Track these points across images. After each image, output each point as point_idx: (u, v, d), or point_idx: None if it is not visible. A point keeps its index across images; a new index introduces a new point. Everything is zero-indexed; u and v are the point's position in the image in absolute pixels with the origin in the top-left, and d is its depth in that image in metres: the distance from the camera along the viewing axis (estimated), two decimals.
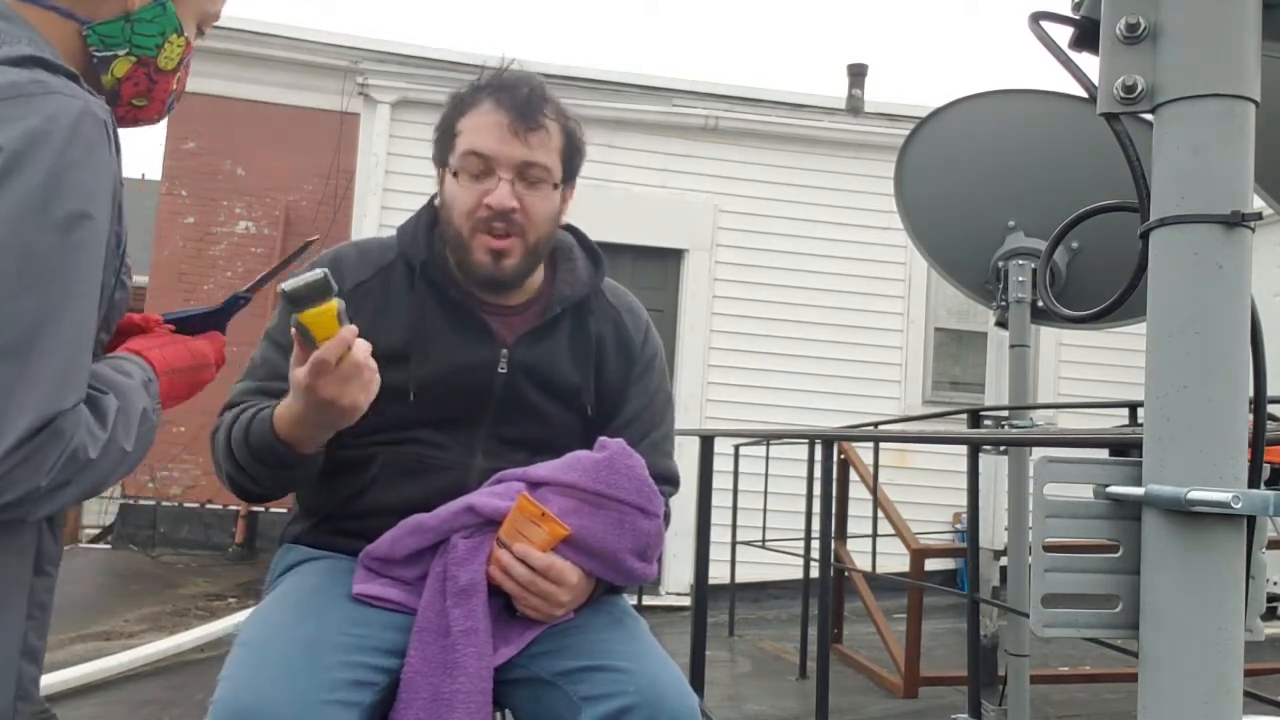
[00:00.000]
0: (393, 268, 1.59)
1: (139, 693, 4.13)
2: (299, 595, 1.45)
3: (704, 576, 3.61)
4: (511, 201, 1.49)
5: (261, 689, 1.25)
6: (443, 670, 1.35)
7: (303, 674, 1.27)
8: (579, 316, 1.62)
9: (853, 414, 6.48)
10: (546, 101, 1.53)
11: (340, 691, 1.29)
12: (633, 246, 6.86)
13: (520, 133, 1.50)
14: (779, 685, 4.73)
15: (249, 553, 8.04)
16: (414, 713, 1.34)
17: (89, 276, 1.00)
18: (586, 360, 1.60)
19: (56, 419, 0.95)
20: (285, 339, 1.51)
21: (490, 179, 1.50)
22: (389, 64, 7.01)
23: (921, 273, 7.20)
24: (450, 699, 1.33)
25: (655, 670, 1.39)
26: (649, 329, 1.70)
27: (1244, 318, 0.79)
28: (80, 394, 0.99)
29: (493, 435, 1.54)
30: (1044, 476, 0.85)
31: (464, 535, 1.43)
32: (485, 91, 1.54)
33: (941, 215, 3.01)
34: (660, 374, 1.70)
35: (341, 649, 1.33)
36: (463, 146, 1.52)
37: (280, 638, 1.34)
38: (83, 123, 0.98)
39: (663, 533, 1.49)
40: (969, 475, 2.72)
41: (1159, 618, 0.79)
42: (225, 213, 8.68)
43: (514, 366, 1.55)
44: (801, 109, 7.43)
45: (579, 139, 1.59)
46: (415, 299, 1.56)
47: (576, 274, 1.63)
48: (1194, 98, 0.80)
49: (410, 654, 1.37)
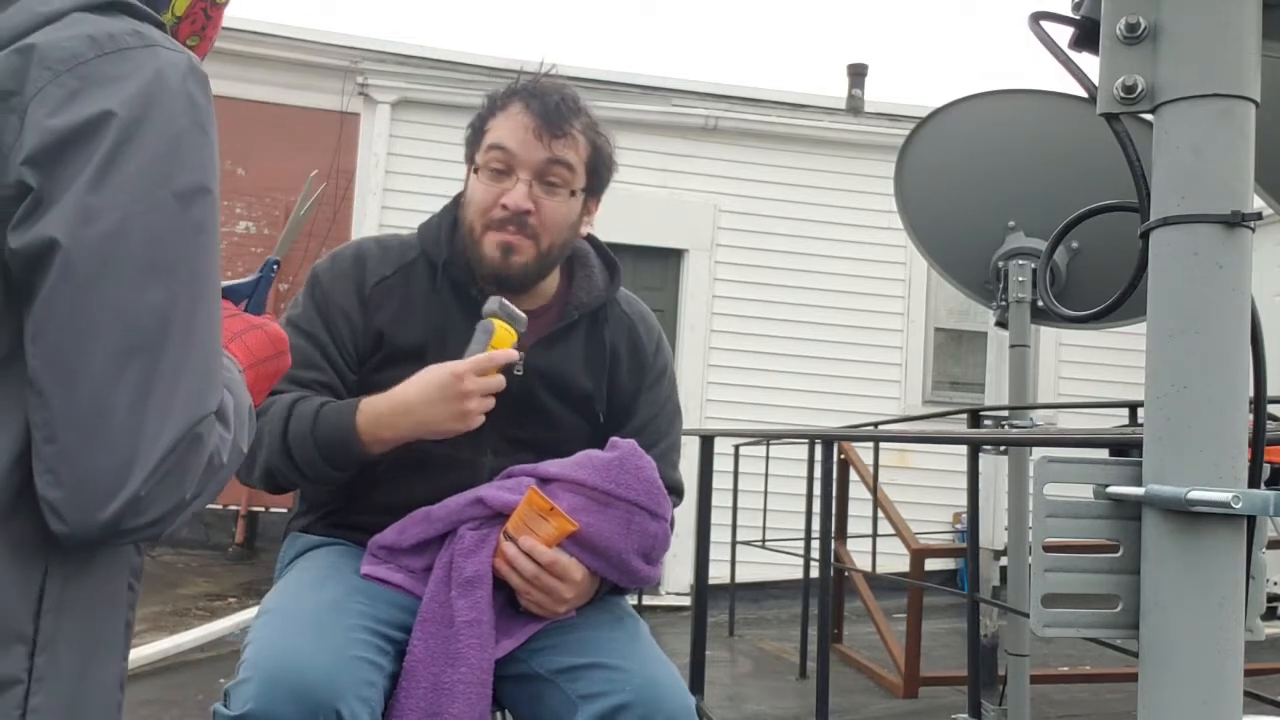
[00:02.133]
0: (414, 265, 1.59)
1: (139, 693, 4.12)
2: (316, 569, 1.48)
3: (704, 576, 3.61)
4: (527, 203, 1.50)
5: (293, 643, 1.26)
6: (445, 660, 1.36)
7: (331, 632, 1.29)
8: (594, 324, 1.63)
9: (853, 414, 6.48)
10: (577, 113, 1.54)
11: (366, 650, 1.31)
12: (633, 246, 6.85)
13: (544, 137, 1.50)
14: (779, 685, 4.73)
15: (249, 553, 8.03)
16: (415, 701, 1.34)
17: (213, 258, 0.89)
18: (600, 368, 1.62)
19: (200, 423, 0.84)
20: (313, 328, 1.54)
21: (509, 179, 1.51)
22: (389, 64, 7.01)
23: (921, 273, 7.20)
24: (451, 689, 1.34)
25: (652, 670, 1.40)
26: (661, 339, 1.72)
27: (1244, 318, 0.79)
28: (220, 394, 0.88)
29: (503, 435, 1.55)
30: (1044, 476, 0.85)
31: (471, 527, 1.44)
32: (518, 95, 1.54)
33: (941, 215, 3.01)
34: (670, 385, 1.71)
35: (363, 615, 1.36)
36: (488, 141, 1.54)
37: (305, 601, 1.37)
38: (190, 81, 0.87)
39: (669, 536, 1.49)
40: (969, 475, 2.72)
41: (1159, 618, 0.79)
42: (225, 213, 8.66)
43: (529, 370, 1.56)
44: (801, 109, 7.43)
45: (608, 154, 1.59)
46: (436, 297, 1.56)
47: (593, 282, 1.64)
48: (1194, 98, 0.80)
49: (413, 643, 1.38)
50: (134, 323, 0.81)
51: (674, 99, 7.21)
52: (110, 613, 0.92)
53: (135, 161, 0.82)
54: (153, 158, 0.83)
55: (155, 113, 0.83)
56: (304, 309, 1.57)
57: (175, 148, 0.84)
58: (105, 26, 0.84)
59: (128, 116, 0.81)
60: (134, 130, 0.82)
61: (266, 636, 1.30)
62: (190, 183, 0.85)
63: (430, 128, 6.80)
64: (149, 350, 0.82)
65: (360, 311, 1.54)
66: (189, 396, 0.84)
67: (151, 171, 0.83)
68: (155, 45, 0.86)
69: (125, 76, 0.83)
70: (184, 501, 0.84)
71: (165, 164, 0.84)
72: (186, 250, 0.85)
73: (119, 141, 0.81)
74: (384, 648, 1.35)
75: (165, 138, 0.84)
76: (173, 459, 0.82)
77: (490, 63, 6.91)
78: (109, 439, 0.80)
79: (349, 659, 1.27)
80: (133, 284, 0.81)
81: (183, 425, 0.82)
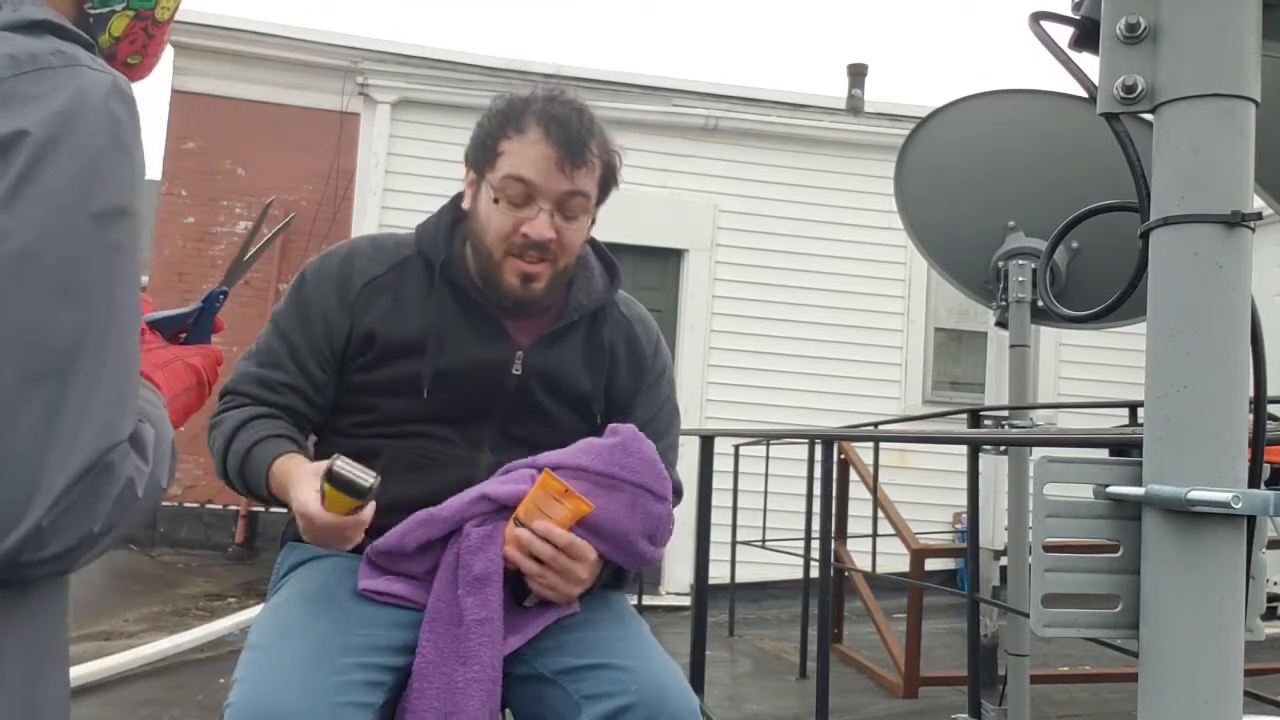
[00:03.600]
0: (408, 263, 1.59)
1: (139, 693, 4.12)
2: (307, 596, 1.45)
3: (704, 576, 3.61)
4: (550, 233, 1.50)
5: (278, 692, 1.25)
6: (456, 659, 1.36)
7: (317, 676, 1.28)
8: (593, 325, 1.64)
9: (853, 414, 6.49)
10: (594, 136, 1.53)
11: (355, 693, 1.29)
12: (633, 246, 6.85)
13: (566, 168, 1.49)
14: (779, 685, 4.73)
15: (249, 553, 8.03)
16: (427, 702, 1.34)
17: (131, 282, 0.85)
18: (599, 368, 1.62)
19: (111, 452, 0.81)
20: (290, 328, 1.56)
21: (530, 207, 1.50)
22: (389, 64, 7.01)
23: (921, 273, 7.20)
24: (464, 688, 1.34)
25: (656, 670, 1.39)
26: (660, 341, 1.72)
27: (1244, 318, 0.79)
28: (134, 422, 0.85)
29: (501, 433, 1.56)
30: (1044, 476, 0.85)
31: (476, 524, 1.43)
32: (536, 117, 1.50)
33: (941, 215, 3.01)
34: (669, 387, 1.72)
35: (353, 650, 1.34)
36: (506, 169, 1.50)
37: (292, 640, 1.35)
38: (113, 101, 0.85)
39: (672, 517, 1.50)
40: (969, 475, 2.72)
41: (1159, 618, 0.79)
42: (225, 213, 8.67)
43: (528, 369, 1.56)
44: (801, 109, 7.43)
45: (616, 169, 1.59)
46: (433, 297, 1.57)
47: (593, 283, 1.65)
48: (1194, 98, 0.80)
49: (422, 644, 1.38)
50: (42, 346, 0.78)
51: (674, 99, 7.21)
52: (56, 625, 0.90)
53: (50, 181, 0.79)
54: (69, 177, 0.81)
55: (73, 132, 0.81)
56: (286, 307, 1.59)
57: (94, 168, 0.82)
58: (28, 46, 0.83)
59: (43, 135, 0.80)
60: (49, 149, 0.80)
61: (254, 679, 1.28)
62: (108, 204, 0.83)
63: (430, 128, 6.80)
64: (57, 375, 0.79)
65: (342, 314, 1.55)
66: (100, 424, 0.80)
67: (67, 191, 0.80)
68: (78, 65, 0.84)
69: (43, 95, 0.81)
70: (92, 535, 0.81)
71: (82, 184, 0.81)
72: (102, 272, 0.82)
73: (33, 160, 0.79)
74: (378, 680, 1.34)
75: (83, 157, 0.82)
76: (79, 489, 0.78)
77: (490, 63, 6.92)
78: (8, 466, 0.76)
79: (336, 706, 1.26)
80: (43, 305, 0.78)
81: (91, 454, 0.79)
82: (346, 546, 1.38)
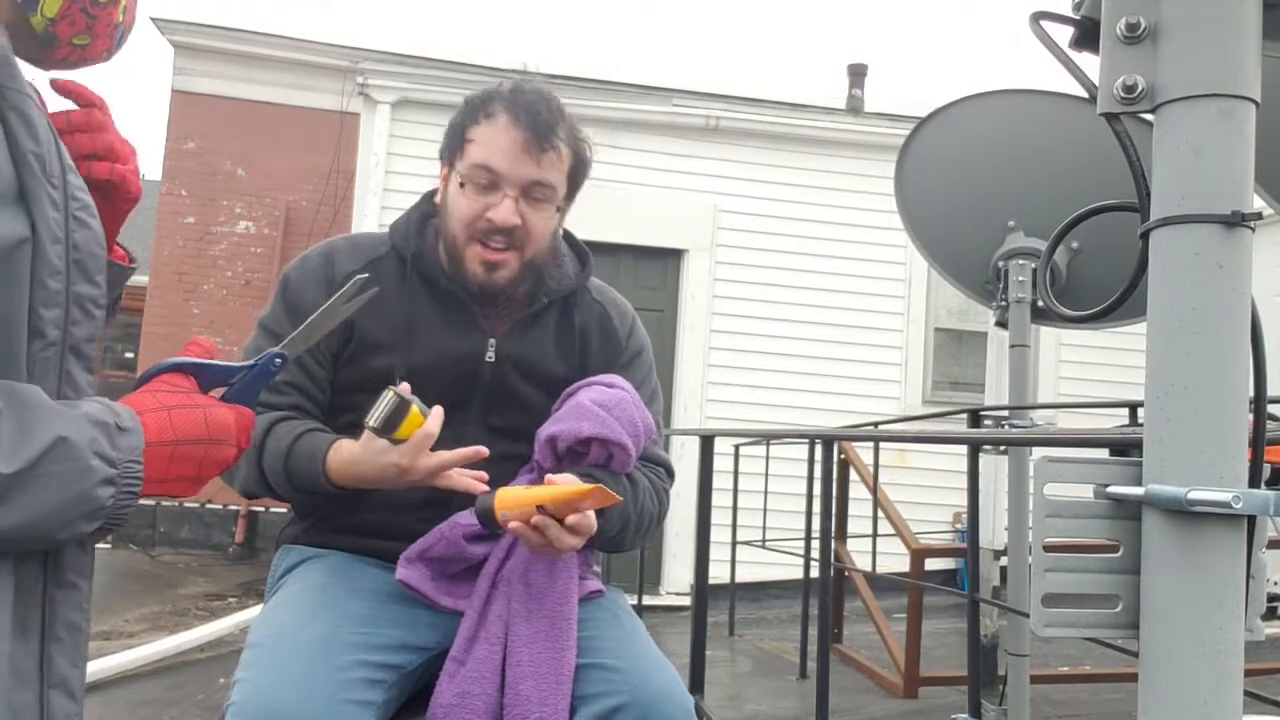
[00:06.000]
0: (384, 259, 1.61)
1: (139, 693, 4.13)
2: (306, 595, 1.45)
3: (704, 576, 3.61)
4: (515, 219, 1.51)
5: (279, 692, 1.25)
6: None
7: (319, 675, 1.28)
8: (565, 310, 1.65)
9: (853, 414, 6.48)
10: (561, 122, 1.54)
11: (356, 691, 1.29)
12: (633, 246, 6.85)
13: (533, 153, 1.51)
14: (779, 685, 4.73)
15: (249, 552, 8.03)
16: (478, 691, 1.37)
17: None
18: (571, 351, 1.64)
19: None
20: (281, 328, 1.54)
21: (495, 193, 1.52)
22: (389, 64, 7.00)
23: (921, 273, 7.19)
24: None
25: (649, 671, 1.39)
26: (635, 323, 1.73)
27: (1244, 318, 0.79)
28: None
29: (480, 423, 1.56)
30: (1044, 476, 0.85)
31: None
32: (503, 104, 1.53)
33: (941, 215, 3.01)
34: (648, 368, 1.72)
35: (354, 648, 1.34)
36: (473, 157, 1.53)
37: (293, 639, 1.34)
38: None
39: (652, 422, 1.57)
40: (969, 475, 2.72)
41: (1159, 618, 0.79)
42: (225, 213, 8.67)
43: (501, 357, 1.58)
44: (802, 109, 7.42)
45: (586, 158, 1.61)
46: (406, 290, 1.58)
47: (564, 270, 1.66)
48: (1194, 98, 0.80)
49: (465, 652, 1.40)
50: None
51: (674, 99, 7.20)
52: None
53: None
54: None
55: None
56: (273, 310, 1.59)
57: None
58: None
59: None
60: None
61: (254, 678, 1.28)
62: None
63: (430, 128, 6.77)
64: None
65: None
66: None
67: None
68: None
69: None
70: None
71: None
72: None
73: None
74: (378, 679, 1.34)
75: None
76: None
77: (490, 63, 6.91)
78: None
79: (337, 703, 1.26)
80: None
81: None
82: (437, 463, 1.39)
